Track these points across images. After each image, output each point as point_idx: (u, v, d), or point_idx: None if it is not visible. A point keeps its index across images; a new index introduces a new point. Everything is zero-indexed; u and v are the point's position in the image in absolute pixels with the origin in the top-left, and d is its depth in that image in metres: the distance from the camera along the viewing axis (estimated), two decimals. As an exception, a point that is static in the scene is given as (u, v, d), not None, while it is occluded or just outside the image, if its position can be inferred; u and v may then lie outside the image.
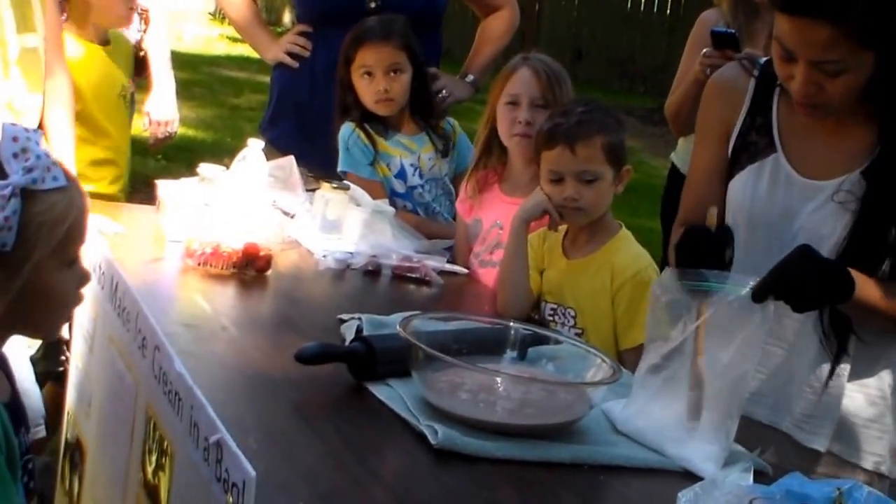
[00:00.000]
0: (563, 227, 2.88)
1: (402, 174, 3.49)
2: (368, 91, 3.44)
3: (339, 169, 3.49)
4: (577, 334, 2.75)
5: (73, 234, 1.75)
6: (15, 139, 1.68)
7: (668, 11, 13.98)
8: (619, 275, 2.75)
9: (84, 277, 1.86)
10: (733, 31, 3.58)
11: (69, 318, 1.87)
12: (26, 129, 1.71)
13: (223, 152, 7.66)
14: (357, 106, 3.48)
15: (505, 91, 3.11)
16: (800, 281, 2.10)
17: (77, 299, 1.86)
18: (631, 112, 10.78)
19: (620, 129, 2.83)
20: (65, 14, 3.59)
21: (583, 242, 2.85)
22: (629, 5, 14.11)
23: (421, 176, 3.48)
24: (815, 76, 2.15)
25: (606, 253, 2.80)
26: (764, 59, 2.48)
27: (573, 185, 2.76)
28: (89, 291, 2.67)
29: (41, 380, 3.15)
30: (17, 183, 1.66)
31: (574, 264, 2.84)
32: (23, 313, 1.75)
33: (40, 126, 3.13)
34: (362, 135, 3.47)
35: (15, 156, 1.68)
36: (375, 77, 3.43)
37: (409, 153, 3.50)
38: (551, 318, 2.81)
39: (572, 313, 2.79)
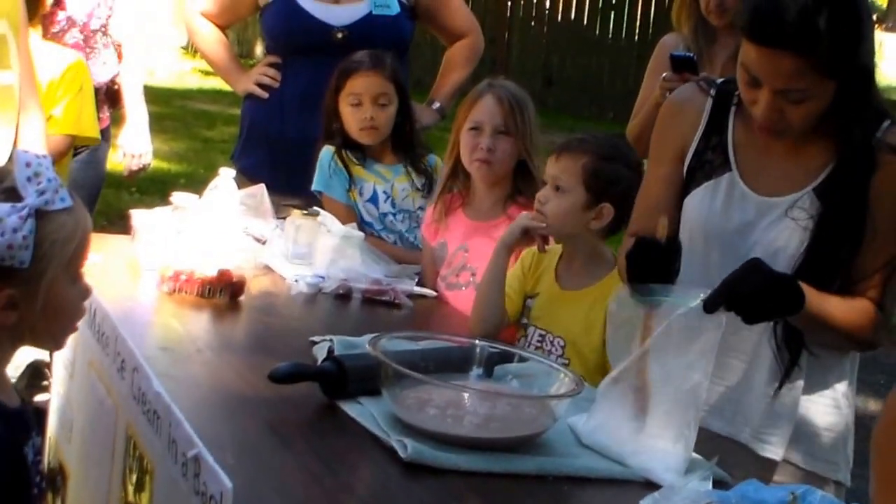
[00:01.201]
0: (556, 251, 2.92)
1: (374, 199, 3.56)
2: (354, 118, 3.52)
3: (314, 188, 3.56)
4: (563, 364, 2.74)
5: (80, 251, 1.86)
6: (28, 164, 1.80)
7: (637, 37, 14.10)
8: None
9: (87, 291, 1.95)
10: (692, 55, 3.68)
11: (75, 330, 1.96)
12: (37, 155, 1.83)
13: (197, 184, 7.70)
14: (341, 133, 3.55)
15: (469, 117, 3.19)
16: (750, 292, 2.16)
17: (82, 312, 1.95)
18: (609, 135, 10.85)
19: (615, 165, 2.81)
20: None
21: (577, 270, 2.88)
22: (597, 32, 14.23)
23: (393, 205, 3.55)
24: (779, 103, 2.23)
25: (603, 289, 2.79)
26: (720, 79, 2.57)
27: (546, 192, 2.82)
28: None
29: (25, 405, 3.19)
30: (33, 204, 1.77)
31: (568, 295, 2.86)
32: (35, 326, 1.84)
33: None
34: (339, 159, 3.54)
35: (28, 180, 1.79)
36: (363, 105, 3.51)
37: (383, 181, 3.57)
38: (539, 345, 2.84)
39: (561, 343, 2.82)
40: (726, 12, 3.69)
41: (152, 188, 7.43)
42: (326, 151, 3.57)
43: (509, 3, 14.12)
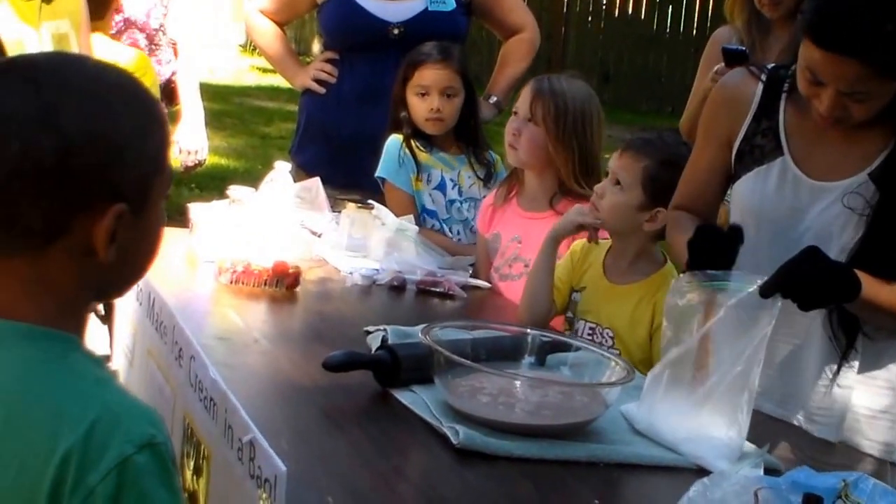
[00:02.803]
0: (605, 245, 2.93)
1: (441, 187, 3.59)
2: (421, 109, 3.56)
3: (378, 174, 3.59)
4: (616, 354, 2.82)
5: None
6: None
7: (694, 31, 14.00)
8: (662, 313, 2.76)
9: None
10: (744, 48, 3.66)
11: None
12: None
13: (254, 180, 7.73)
14: (408, 123, 3.59)
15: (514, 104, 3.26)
16: (807, 281, 2.16)
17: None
18: (666, 138, 10.81)
19: (676, 172, 2.73)
20: None
21: (624, 267, 2.89)
22: (655, 26, 14.14)
23: (460, 192, 3.58)
24: (843, 101, 2.23)
25: (650, 286, 2.82)
26: (771, 65, 2.57)
27: (605, 185, 2.85)
28: (129, 308, 2.80)
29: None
30: None
31: (616, 289, 2.87)
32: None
33: None
34: (407, 147, 3.58)
35: None
36: (430, 96, 3.54)
37: (449, 169, 3.61)
38: (590, 337, 2.86)
39: (610, 334, 2.84)
40: (780, 5, 3.67)
41: (211, 184, 7.50)
42: (394, 140, 3.60)
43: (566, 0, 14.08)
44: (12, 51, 3.20)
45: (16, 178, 1.30)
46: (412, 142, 3.59)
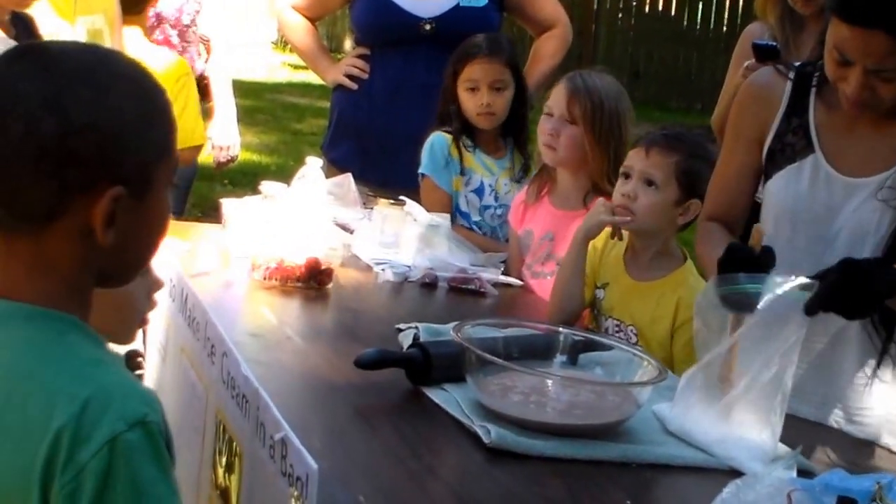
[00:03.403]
0: (623, 241, 2.92)
1: (479, 191, 3.58)
2: (471, 103, 3.54)
3: (420, 171, 3.58)
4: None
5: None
6: None
7: (725, 28, 13.93)
8: (685, 311, 2.73)
9: (156, 284, 1.97)
10: (775, 43, 3.64)
11: (144, 323, 1.97)
12: None
13: (287, 176, 7.75)
14: (458, 117, 3.58)
15: (546, 103, 3.24)
16: (850, 296, 2.13)
17: (149, 305, 1.97)
18: (689, 130, 10.78)
19: (704, 162, 2.80)
20: None
21: (645, 263, 2.88)
22: (685, 23, 14.09)
23: (496, 199, 3.57)
24: (870, 81, 2.22)
25: (672, 283, 2.81)
26: (798, 62, 2.55)
27: (633, 184, 2.81)
28: (162, 305, 2.81)
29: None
30: None
31: (638, 286, 2.87)
32: (105, 319, 1.85)
33: None
34: (453, 147, 3.57)
35: None
36: (480, 91, 3.53)
37: (489, 174, 3.59)
38: (615, 334, 2.86)
39: (634, 331, 2.84)
40: (813, 1, 3.65)
41: (244, 180, 7.54)
42: (440, 137, 3.59)
43: (597, -5, 14.05)
44: None
45: (18, 157, 1.34)
46: (458, 140, 3.56)
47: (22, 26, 3.02)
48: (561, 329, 2.48)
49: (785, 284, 2.14)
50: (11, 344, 1.38)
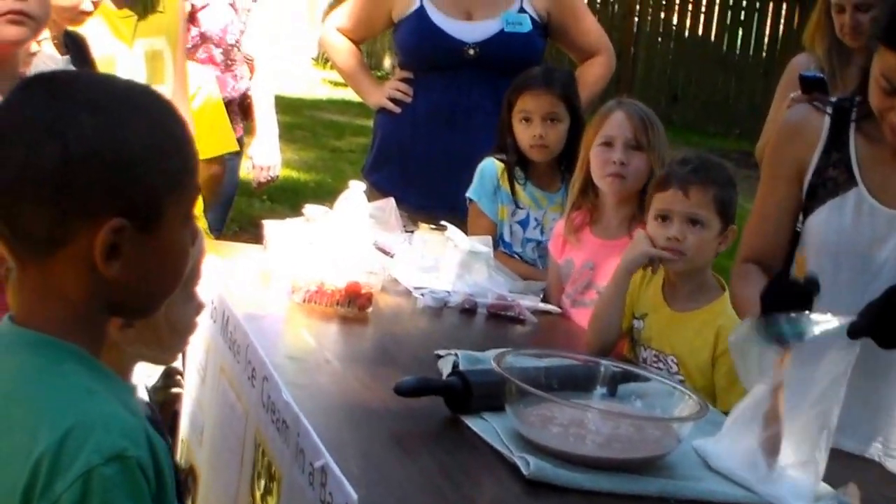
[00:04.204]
0: (660, 273, 2.93)
1: (524, 223, 3.57)
2: (525, 135, 3.52)
3: (468, 194, 3.58)
4: (680, 381, 2.78)
5: (195, 271, 1.88)
6: None
7: (764, 54, 13.90)
8: (725, 340, 2.67)
9: (200, 307, 1.99)
10: (822, 75, 3.63)
11: (185, 345, 1.99)
12: None
13: (325, 193, 7.85)
14: (514, 149, 3.57)
15: (600, 133, 3.19)
16: (893, 323, 2.12)
17: (192, 327, 1.98)
18: (727, 155, 10.70)
19: (733, 188, 2.84)
20: None
21: (684, 295, 2.87)
22: (724, 48, 14.05)
23: (541, 233, 3.55)
24: None
25: (712, 313, 2.81)
26: (835, 98, 2.55)
27: (679, 226, 2.80)
28: (203, 325, 2.82)
29: (159, 408, 3.28)
30: None
31: (678, 316, 2.86)
32: (150, 339, 1.87)
33: None
34: (505, 175, 3.56)
35: None
36: (533, 122, 3.52)
37: (537, 208, 3.57)
38: (655, 364, 2.86)
39: (675, 360, 2.83)
40: (862, 34, 3.63)
41: (282, 197, 7.58)
42: (491, 164, 3.58)
43: (636, 19, 14.03)
44: (104, 67, 3.26)
45: (19, 183, 1.34)
46: (511, 170, 3.55)
47: (74, 46, 3.04)
48: (601, 360, 2.47)
49: (829, 321, 2.13)
50: (9, 369, 1.38)
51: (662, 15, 14.14)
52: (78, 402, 1.34)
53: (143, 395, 3.09)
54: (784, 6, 13.74)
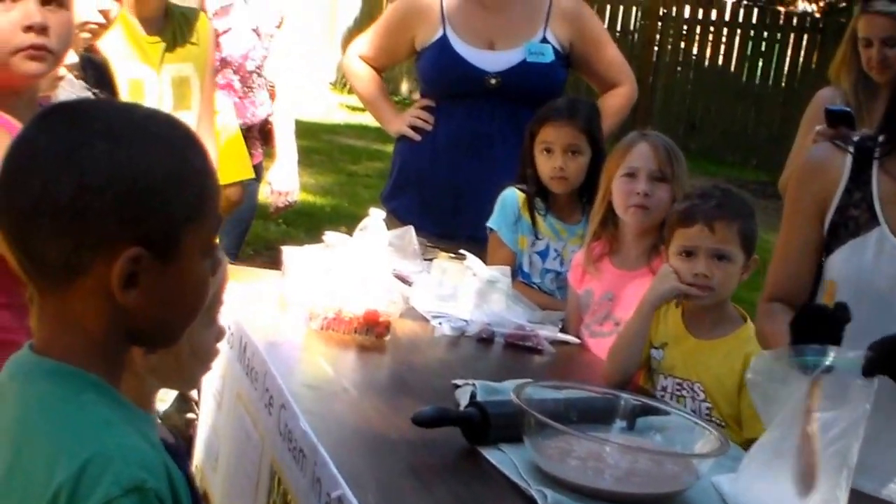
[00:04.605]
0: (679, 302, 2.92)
1: (544, 254, 3.54)
2: (546, 167, 3.50)
3: (489, 224, 3.56)
4: (707, 409, 2.79)
5: (217, 297, 1.87)
6: None
7: (783, 84, 13.90)
8: None
9: (221, 333, 1.98)
10: (848, 109, 3.61)
11: (206, 371, 1.98)
12: None
13: (341, 218, 7.86)
14: (535, 180, 3.55)
15: (623, 164, 3.18)
16: None
17: (215, 353, 1.98)
18: (744, 185, 10.73)
19: (754, 219, 2.87)
20: None
21: (707, 325, 2.88)
22: (743, 78, 14.05)
23: (560, 264, 3.53)
24: None
25: (738, 340, 2.81)
26: (857, 136, 2.54)
27: (706, 262, 2.80)
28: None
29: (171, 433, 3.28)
30: None
31: (703, 344, 2.86)
32: (171, 367, 1.86)
33: None
34: (526, 205, 3.54)
35: None
36: (554, 154, 3.50)
37: (557, 239, 3.55)
38: (678, 393, 2.85)
39: (701, 387, 2.82)
40: (889, 68, 3.62)
41: (298, 221, 7.58)
42: (512, 194, 3.57)
43: (656, 48, 14.05)
44: (131, 90, 3.29)
45: (35, 213, 1.34)
46: (532, 200, 3.53)
47: (94, 70, 3.05)
48: (620, 393, 2.45)
49: (848, 357, 2.11)
50: (28, 399, 1.38)
51: (682, 45, 14.15)
52: (96, 433, 1.33)
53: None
54: (805, 37, 13.73)
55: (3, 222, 1.37)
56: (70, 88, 2.92)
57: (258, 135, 4.47)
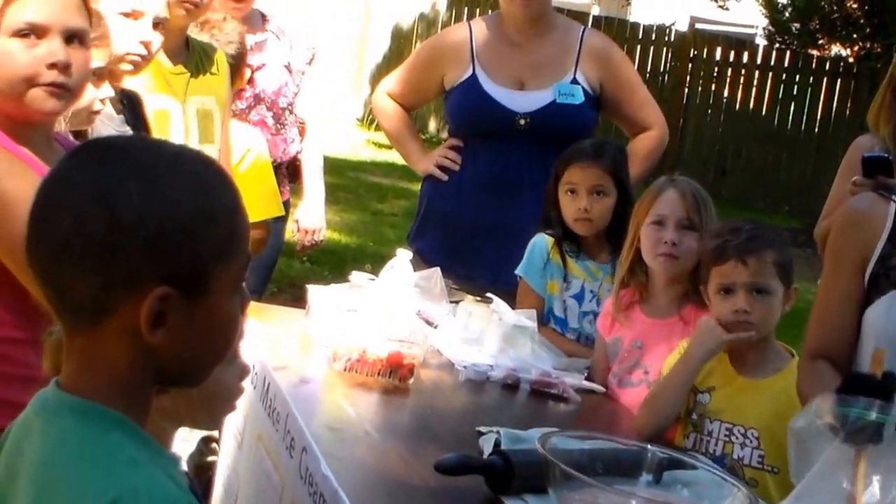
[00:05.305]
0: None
1: (579, 297, 3.50)
2: (570, 208, 3.46)
3: (517, 271, 3.53)
4: (760, 456, 2.74)
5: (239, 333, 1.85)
6: None
7: (816, 129, 13.80)
8: None
9: (244, 371, 1.96)
10: (886, 155, 3.55)
11: (231, 410, 1.96)
12: None
13: (366, 257, 7.83)
14: (559, 222, 3.52)
15: (651, 211, 3.14)
16: None
17: (238, 391, 1.96)
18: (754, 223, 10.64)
19: (788, 248, 2.86)
20: None
21: (755, 363, 2.84)
22: (775, 122, 13.99)
23: (598, 304, 3.48)
24: None
25: (790, 377, 2.74)
26: None
27: (744, 298, 2.76)
28: (241, 391, 2.79)
29: (194, 474, 3.24)
30: None
31: (751, 384, 2.82)
32: (193, 406, 1.84)
33: None
34: (554, 250, 3.50)
35: None
36: (578, 195, 3.46)
37: (592, 279, 3.50)
38: (727, 439, 2.80)
39: (755, 434, 2.77)
40: None
41: (322, 258, 7.55)
42: (542, 240, 3.53)
43: (686, 90, 14.02)
44: (158, 121, 3.31)
45: (65, 250, 1.33)
46: (561, 245, 3.49)
47: (129, 104, 3.07)
48: (647, 446, 2.40)
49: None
50: (53, 436, 1.37)
51: (713, 87, 14.11)
52: (123, 472, 1.31)
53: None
54: (838, 82, 13.66)
55: (33, 259, 1.37)
56: (110, 123, 2.93)
57: (286, 172, 4.46)
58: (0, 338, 2.21)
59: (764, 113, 14.00)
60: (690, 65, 13.96)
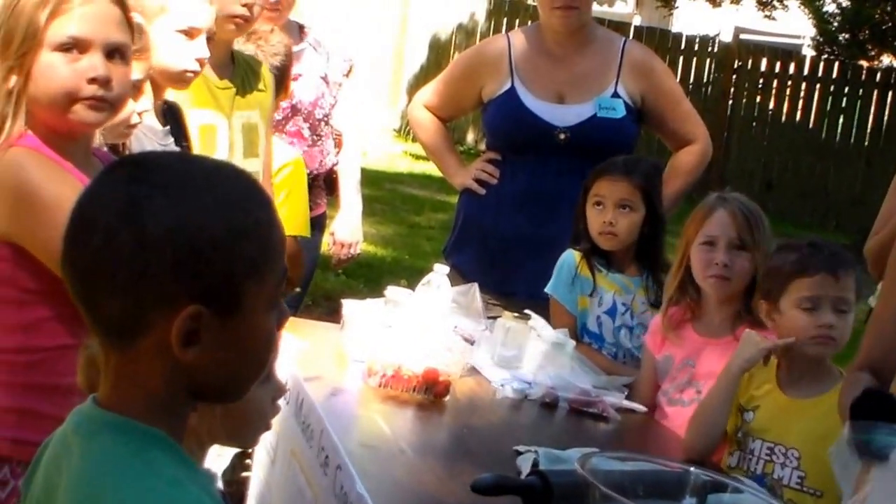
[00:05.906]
0: (772, 362, 2.82)
1: (612, 311, 3.44)
2: (596, 221, 3.42)
3: (547, 289, 3.47)
4: (799, 477, 2.69)
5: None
6: None
7: (866, 142, 13.58)
8: None
9: (279, 390, 1.93)
10: None
11: (267, 428, 1.93)
12: None
13: (402, 270, 7.78)
14: (585, 237, 3.47)
15: (701, 231, 3.08)
16: None
17: (274, 410, 1.93)
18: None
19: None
20: None
21: (805, 382, 2.78)
22: (823, 135, 13.77)
23: (632, 317, 3.43)
24: None
25: (835, 397, 2.64)
26: None
27: (832, 316, 2.71)
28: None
29: (228, 490, 3.21)
30: None
31: (798, 404, 2.77)
32: (227, 425, 1.81)
33: None
34: (584, 265, 3.44)
35: None
36: (605, 208, 3.41)
37: (624, 292, 3.45)
38: (768, 458, 2.75)
39: (796, 454, 2.72)
40: None
41: (358, 271, 7.51)
42: (569, 256, 3.47)
43: (730, 102, 13.86)
44: (204, 135, 3.33)
45: (97, 268, 1.33)
46: (590, 259, 3.44)
47: (172, 116, 3.07)
48: (690, 468, 2.34)
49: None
50: (93, 454, 1.35)
51: (758, 99, 13.93)
52: (165, 491, 1.30)
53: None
54: (889, 93, 13.45)
55: (67, 276, 1.36)
56: (153, 137, 2.92)
57: (322, 184, 4.43)
58: (50, 347, 2.21)
59: (811, 125, 13.78)
60: (735, 76, 13.80)
